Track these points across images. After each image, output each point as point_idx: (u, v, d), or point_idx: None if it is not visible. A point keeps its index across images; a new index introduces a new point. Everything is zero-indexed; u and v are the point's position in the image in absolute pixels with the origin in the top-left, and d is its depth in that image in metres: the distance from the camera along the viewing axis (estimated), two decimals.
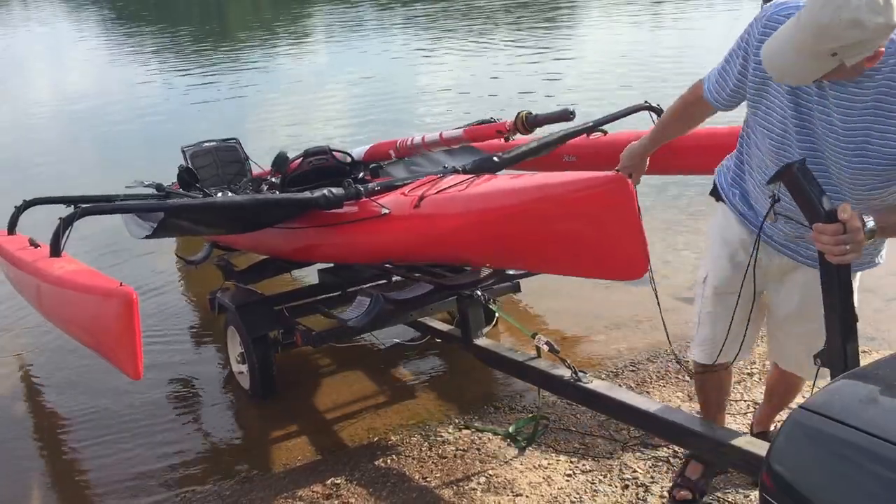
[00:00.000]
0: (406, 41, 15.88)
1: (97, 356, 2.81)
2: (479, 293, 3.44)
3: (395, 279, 3.89)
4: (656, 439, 3.09)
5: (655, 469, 2.99)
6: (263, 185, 4.39)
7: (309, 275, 4.61)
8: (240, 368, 3.84)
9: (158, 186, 3.94)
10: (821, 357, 2.05)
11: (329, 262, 3.96)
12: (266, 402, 3.76)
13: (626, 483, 2.93)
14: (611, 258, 2.39)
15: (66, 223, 3.01)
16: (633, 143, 2.68)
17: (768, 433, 2.89)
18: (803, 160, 1.97)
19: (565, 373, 2.99)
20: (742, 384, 3.51)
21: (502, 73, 11.30)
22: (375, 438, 3.41)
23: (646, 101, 4.17)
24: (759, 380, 3.52)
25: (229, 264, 4.27)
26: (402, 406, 3.66)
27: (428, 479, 3.08)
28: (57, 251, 3.07)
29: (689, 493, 2.74)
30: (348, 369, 4.03)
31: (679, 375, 3.65)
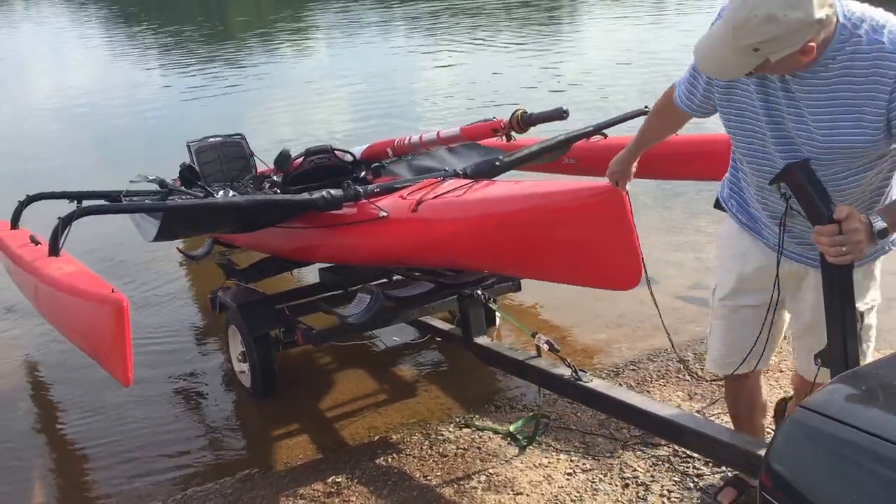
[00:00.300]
0: (407, 39, 15.89)
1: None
2: (480, 292, 3.44)
3: (395, 278, 3.90)
4: (656, 438, 3.09)
5: (656, 468, 2.99)
6: (266, 182, 4.39)
7: (310, 274, 4.62)
8: (241, 367, 3.85)
9: (161, 182, 3.93)
10: (821, 357, 2.05)
11: (329, 262, 3.97)
12: (267, 401, 3.77)
13: (627, 482, 2.94)
14: (605, 268, 2.40)
15: (65, 223, 3.01)
16: (620, 152, 2.68)
17: None
18: (806, 160, 1.97)
19: (565, 372, 2.99)
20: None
21: (503, 71, 11.30)
22: (376, 437, 3.41)
23: (645, 106, 4.17)
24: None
25: (230, 263, 4.28)
26: (403, 405, 3.67)
27: (429, 478, 3.09)
28: (56, 250, 3.07)
29: None
30: (349, 368, 4.04)
31: (679, 375, 3.66)
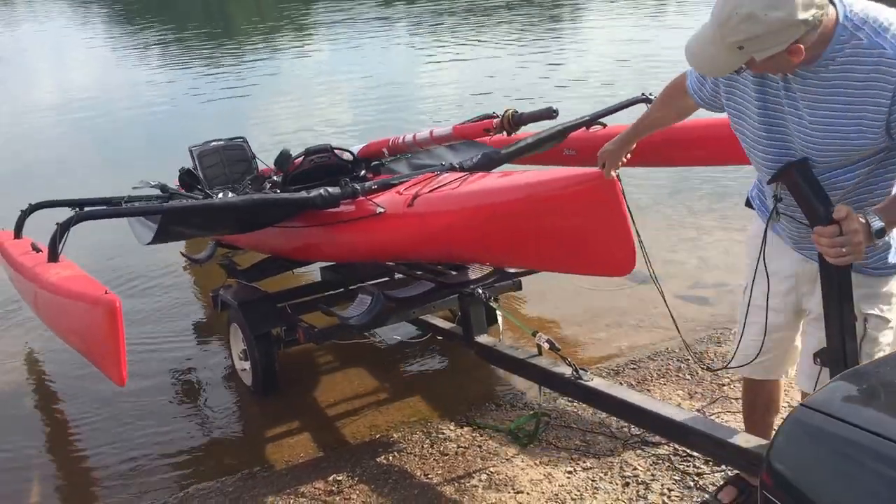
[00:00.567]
0: (409, 38, 15.88)
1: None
2: (481, 291, 3.45)
3: (397, 276, 3.90)
4: (657, 437, 3.10)
5: (656, 467, 3.00)
6: (266, 183, 4.40)
7: (312, 272, 4.62)
8: (242, 365, 3.86)
9: (163, 187, 3.95)
10: (820, 356, 2.06)
11: (329, 261, 3.98)
12: (268, 399, 3.77)
13: (627, 480, 2.94)
14: (599, 255, 2.40)
15: (63, 229, 3.04)
16: (616, 136, 2.55)
17: None
18: (804, 160, 1.97)
19: (566, 370, 3.00)
20: (742, 382, 3.51)
21: (504, 69, 11.29)
22: (377, 435, 3.42)
23: (643, 94, 4.17)
24: None
25: (232, 263, 4.29)
26: (404, 403, 3.68)
27: (429, 476, 3.09)
28: (55, 256, 3.10)
29: None
30: (350, 366, 4.04)
31: (679, 373, 3.66)
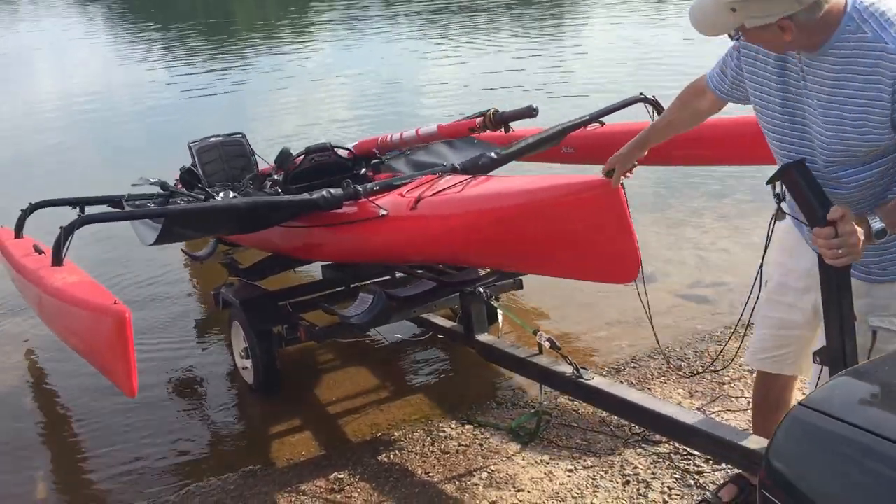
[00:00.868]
0: (410, 36, 15.89)
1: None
2: (482, 290, 3.46)
3: (398, 275, 3.91)
4: (657, 436, 3.10)
5: (656, 465, 3.01)
6: (267, 181, 4.40)
7: (313, 271, 4.63)
8: (244, 363, 3.87)
9: (163, 185, 3.95)
10: (820, 355, 2.06)
11: (330, 261, 3.99)
12: (270, 398, 3.78)
13: (628, 479, 2.95)
14: (603, 261, 2.41)
15: (67, 232, 3.04)
16: (625, 145, 2.47)
17: None
18: (802, 160, 1.97)
19: (567, 369, 3.01)
20: (742, 381, 3.52)
21: (504, 69, 11.29)
22: (378, 434, 3.43)
23: (641, 94, 4.18)
24: None
25: (234, 261, 4.30)
26: (405, 402, 3.69)
27: (430, 475, 3.10)
28: (59, 260, 3.09)
29: None
30: (351, 365, 4.05)
31: (680, 372, 3.67)
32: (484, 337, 3.51)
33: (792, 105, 2.02)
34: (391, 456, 3.25)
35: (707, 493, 2.79)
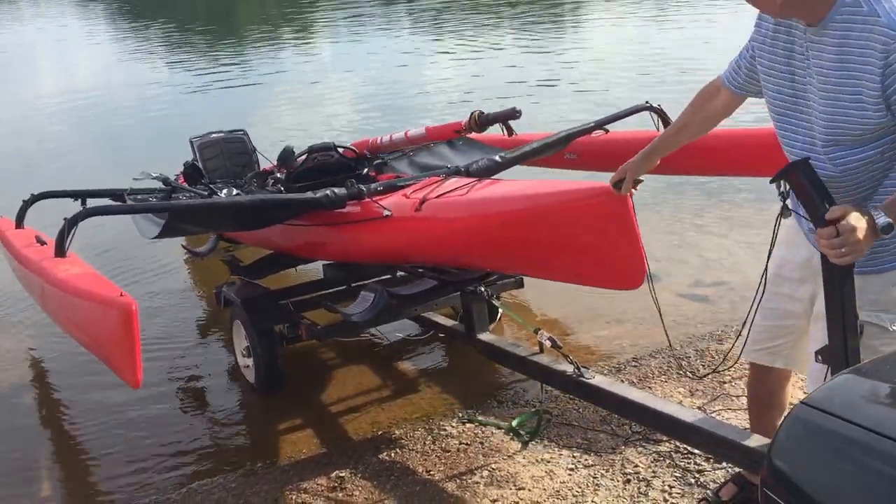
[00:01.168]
0: (411, 36, 15.89)
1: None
2: (483, 289, 3.46)
3: (399, 274, 3.92)
4: (658, 435, 3.11)
5: (657, 464, 3.01)
6: (269, 179, 4.40)
7: (314, 270, 4.63)
8: (245, 362, 3.87)
9: (165, 179, 3.95)
10: (822, 354, 2.07)
11: (332, 260, 3.99)
12: (271, 396, 3.79)
13: (628, 478, 2.96)
14: (608, 268, 2.41)
15: (71, 224, 3.04)
16: (635, 156, 2.46)
17: None
18: (806, 159, 1.98)
19: (567, 368, 3.01)
20: (743, 380, 3.52)
21: (504, 68, 11.30)
22: (379, 432, 3.43)
23: (647, 102, 4.20)
24: None
25: (235, 259, 4.30)
26: (406, 400, 3.69)
27: (431, 473, 3.11)
28: (62, 251, 3.09)
29: None
30: (353, 363, 4.06)
31: (681, 371, 3.68)
32: (485, 336, 3.52)
33: (797, 87, 2.04)
34: (392, 454, 3.25)
35: (708, 493, 2.79)
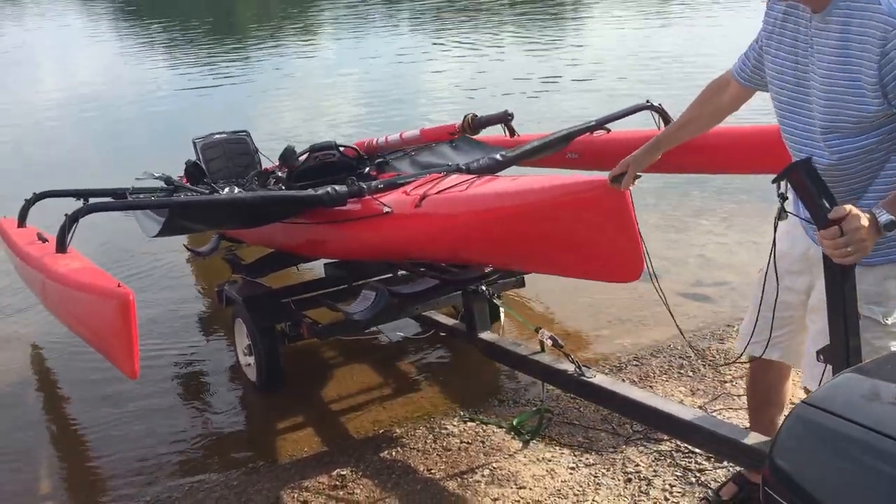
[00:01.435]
0: (412, 36, 15.89)
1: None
2: (484, 288, 3.47)
3: (400, 273, 3.92)
4: (659, 434, 3.11)
5: (658, 463, 3.02)
6: (271, 178, 4.41)
7: (316, 269, 4.64)
8: (247, 360, 3.88)
9: (167, 179, 3.96)
10: (823, 353, 2.07)
11: (333, 258, 4.00)
12: (273, 394, 3.79)
13: (629, 477, 2.96)
14: (606, 261, 2.42)
15: (72, 220, 3.05)
16: (639, 149, 2.47)
17: None
18: (808, 159, 1.97)
19: (569, 367, 3.02)
20: (744, 379, 3.52)
21: (505, 69, 11.31)
22: (381, 430, 3.44)
23: (648, 101, 4.20)
24: None
25: (236, 258, 4.30)
26: (407, 399, 3.70)
27: (432, 471, 3.11)
28: (63, 247, 3.10)
29: None
30: (354, 362, 4.06)
31: (682, 370, 3.68)
32: (486, 335, 3.52)
33: (799, 74, 2.06)
34: (393, 453, 3.26)
35: (708, 492, 2.80)
